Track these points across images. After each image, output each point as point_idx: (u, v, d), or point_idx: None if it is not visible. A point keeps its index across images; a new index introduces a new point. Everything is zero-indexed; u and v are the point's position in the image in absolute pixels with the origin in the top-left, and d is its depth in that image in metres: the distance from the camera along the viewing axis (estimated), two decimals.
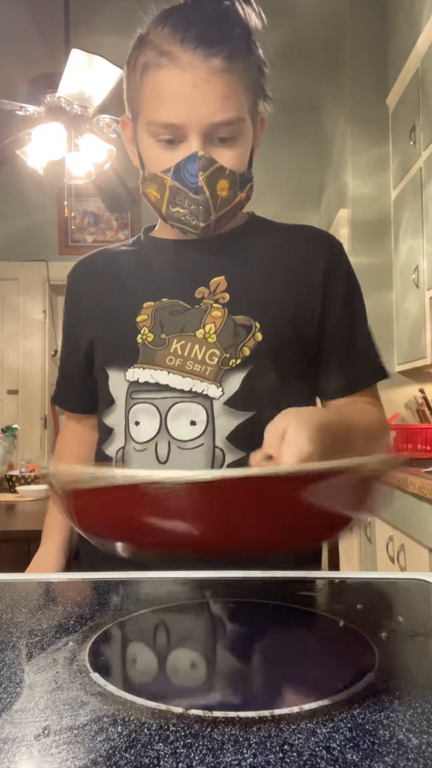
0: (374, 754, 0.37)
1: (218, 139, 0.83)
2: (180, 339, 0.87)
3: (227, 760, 0.36)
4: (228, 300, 0.88)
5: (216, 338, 0.86)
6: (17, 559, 1.84)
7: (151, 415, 0.86)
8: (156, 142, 0.84)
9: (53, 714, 0.42)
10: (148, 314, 0.89)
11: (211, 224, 0.86)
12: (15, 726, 0.41)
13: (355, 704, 0.43)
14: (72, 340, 1.00)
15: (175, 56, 0.79)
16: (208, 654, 0.55)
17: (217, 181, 0.84)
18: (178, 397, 0.85)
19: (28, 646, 0.55)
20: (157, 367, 0.87)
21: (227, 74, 0.80)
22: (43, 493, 2.50)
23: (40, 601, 0.71)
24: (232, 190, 0.86)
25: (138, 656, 0.57)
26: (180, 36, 0.79)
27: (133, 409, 0.88)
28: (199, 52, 0.79)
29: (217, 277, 0.89)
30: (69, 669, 0.50)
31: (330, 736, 0.39)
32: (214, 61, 0.79)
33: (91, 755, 0.37)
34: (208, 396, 0.85)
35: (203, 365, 0.85)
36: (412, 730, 0.40)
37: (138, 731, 0.40)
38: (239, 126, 0.83)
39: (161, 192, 0.86)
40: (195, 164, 0.82)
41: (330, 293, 0.92)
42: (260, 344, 0.86)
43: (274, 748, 0.38)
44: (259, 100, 0.88)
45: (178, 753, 0.37)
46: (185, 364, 0.86)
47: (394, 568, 2.33)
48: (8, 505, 2.37)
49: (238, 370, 0.85)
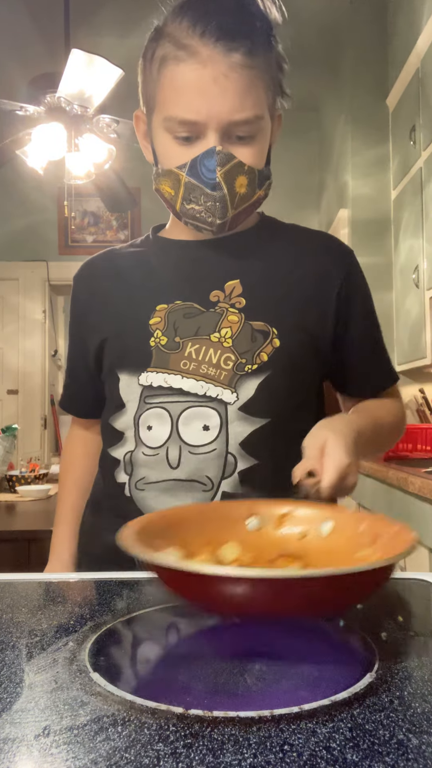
0: (374, 754, 0.37)
1: (236, 137, 0.81)
2: (194, 343, 0.85)
3: (227, 760, 0.36)
4: (244, 305, 0.86)
5: (232, 343, 0.85)
6: (17, 559, 1.85)
7: (163, 419, 0.85)
8: (172, 138, 0.82)
9: (53, 714, 0.42)
10: (161, 317, 0.87)
11: (227, 222, 0.84)
12: (15, 726, 0.41)
13: (355, 704, 0.43)
14: (80, 342, 0.98)
15: (194, 50, 0.77)
16: (207, 654, 0.55)
17: (236, 177, 0.81)
18: (192, 401, 0.84)
19: (28, 646, 0.55)
20: (171, 371, 0.85)
21: (248, 70, 0.78)
22: (43, 493, 2.50)
23: (40, 601, 0.71)
24: (250, 187, 0.83)
25: (138, 656, 0.57)
26: (200, 29, 0.77)
27: (145, 414, 0.86)
28: (219, 47, 0.76)
29: (232, 281, 0.88)
30: (69, 669, 0.50)
31: (330, 736, 0.39)
32: (234, 55, 0.77)
33: (91, 755, 0.37)
34: (223, 401, 0.83)
35: (218, 369, 0.84)
36: (412, 730, 0.40)
37: (138, 731, 0.40)
38: (258, 124, 0.81)
39: (175, 188, 0.84)
40: (213, 159, 0.79)
41: (346, 301, 0.91)
42: (278, 350, 0.85)
43: (274, 748, 0.38)
44: (277, 97, 0.86)
45: (178, 753, 0.37)
46: (199, 368, 0.84)
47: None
48: (8, 505, 2.37)
49: (254, 376, 0.84)
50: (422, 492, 1.99)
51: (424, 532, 2.03)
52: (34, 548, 1.84)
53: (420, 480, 2.03)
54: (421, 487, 2.00)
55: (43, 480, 2.75)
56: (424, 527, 2.03)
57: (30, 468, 2.77)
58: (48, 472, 2.90)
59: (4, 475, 2.70)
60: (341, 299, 0.90)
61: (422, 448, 2.80)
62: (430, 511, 1.98)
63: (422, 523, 2.05)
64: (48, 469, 3.00)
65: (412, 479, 2.08)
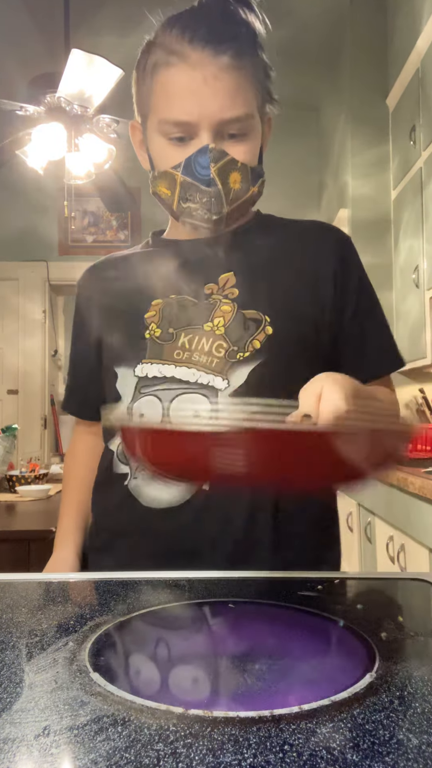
0: (374, 754, 0.37)
1: (228, 135, 0.84)
2: (188, 333, 0.87)
3: (227, 760, 0.36)
4: (237, 295, 0.88)
5: (224, 331, 0.86)
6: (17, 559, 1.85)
7: (154, 405, 0.86)
8: (167, 141, 0.85)
9: (53, 714, 0.42)
10: (156, 311, 0.90)
11: (223, 217, 0.86)
12: (15, 726, 0.41)
13: (355, 704, 0.43)
14: (82, 345, 1.01)
15: (184, 54, 0.81)
16: (207, 654, 0.55)
17: (230, 173, 0.84)
18: (183, 388, 0.86)
19: (28, 646, 0.55)
20: (165, 362, 0.87)
21: (236, 71, 0.81)
22: (43, 493, 2.50)
23: (40, 601, 0.71)
24: (244, 183, 0.86)
25: (138, 656, 0.57)
26: (189, 35, 0.81)
27: (138, 402, 0.88)
28: (208, 50, 0.80)
29: (226, 273, 0.90)
30: (69, 669, 0.50)
31: (330, 736, 0.39)
32: (222, 58, 0.80)
33: (91, 755, 0.37)
34: (214, 387, 0.85)
35: (209, 357, 0.86)
36: (412, 730, 0.40)
37: (138, 731, 0.40)
38: (249, 122, 0.84)
39: (172, 188, 0.86)
40: (206, 156, 0.82)
41: (342, 286, 0.92)
42: (271, 338, 0.86)
43: (274, 748, 0.38)
44: (266, 102, 0.90)
45: (178, 753, 0.37)
46: (192, 357, 0.86)
47: (394, 568, 2.33)
48: (8, 505, 2.37)
49: (245, 363, 0.85)
50: (422, 492, 1.99)
51: (424, 532, 2.03)
52: (34, 548, 1.84)
53: (420, 480, 2.03)
54: (421, 487, 2.00)
55: (43, 480, 2.75)
56: (424, 527, 2.03)
57: (30, 468, 2.77)
58: (48, 472, 2.90)
59: (4, 475, 2.70)
60: (336, 284, 0.91)
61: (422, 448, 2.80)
62: (430, 511, 1.98)
63: (422, 523, 2.05)
64: (48, 469, 3.00)
65: (412, 479, 2.08)
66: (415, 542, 2.13)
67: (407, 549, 2.21)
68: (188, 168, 0.83)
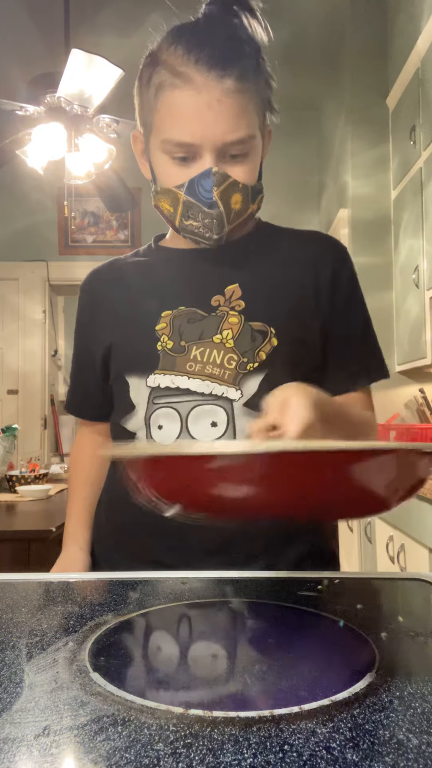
0: (374, 754, 0.37)
1: (230, 156, 0.85)
2: (199, 346, 0.89)
3: (227, 760, 0.36)
4: (244, 307, 0.90)
5: (233, 343, 0.89)
6: (17, 559, 1.85)
7: (172, 418, 0.89)
8: (170, 159, 0.86)
9: (53, 714, 0.42)
10: (167, 322, 0.91)
11: (224, 236, 0.89)
12: (15, 726, 0.41)
13: (355, 704, 0.43)
14: (87, 348, 1.02)
15: (189, 77, 0.82)
16: (207, 654, 0.55)
17: (231, 195, 0.86)
18: (199, 400, 0.88)
19: (28, 646, 0.55)
20: (178, 373, 0.89)
21: (239, 94, 0.83)
22: (43, 493, 2.50)
23: (40, 601, 0.71)
24: (244, 203, 0.88)
25: (138, 656, 0.57)
26: (194, 57, 0.82)
27: (155, 413, 0.90)
28: (212, 74, 0.81)
29: (232, 285, 0.92)
30: (69, 669, 0.50)
31: (330, 736, 0.39)
32: (227, 81, 0.81)
33: (91, 755, 0.37)
34: (228, 398, 0.87)
35: (222, 369, 0.88)
36: (412, 730, 0.40)
37: (138, 731, 0.40)
38: (250, 143, 0.86)
39: (174, 206, 0.88)
40: (209, 180, 0.84)
41: (333, 297, 0.94)
42: (276, 349, 0.89)
43: (274, 748, 0.38)
44: (267, 114, 0.91)
45: (178, 753, 0.37)
46: (204, 369, 0.88)
47: (394, 568, 2.33)
48: (8, 505, 2.37)
49: (255, 374, 0.88)
50: (422, 492, 1.99)
51: (423, 532, 2.03)
52: (34, 548, 1.84)
53: None
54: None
55: (43, 480, 2.75)
56: (424, 527, 2.03)
57: (30, 468, 2.77)
58: (48, 472, 2.90)
59: (4, 475, 2.70)
60: (326, 294, 0.93)
61: None
62: (430, 511, 1.98)
63: (422, 523, 2.05)
64: (48, 469, 3.00)
65: None
66: (415, 542, 2.13)
67: (407, 549, 2.21)
68: (191, 189, 0.85)
